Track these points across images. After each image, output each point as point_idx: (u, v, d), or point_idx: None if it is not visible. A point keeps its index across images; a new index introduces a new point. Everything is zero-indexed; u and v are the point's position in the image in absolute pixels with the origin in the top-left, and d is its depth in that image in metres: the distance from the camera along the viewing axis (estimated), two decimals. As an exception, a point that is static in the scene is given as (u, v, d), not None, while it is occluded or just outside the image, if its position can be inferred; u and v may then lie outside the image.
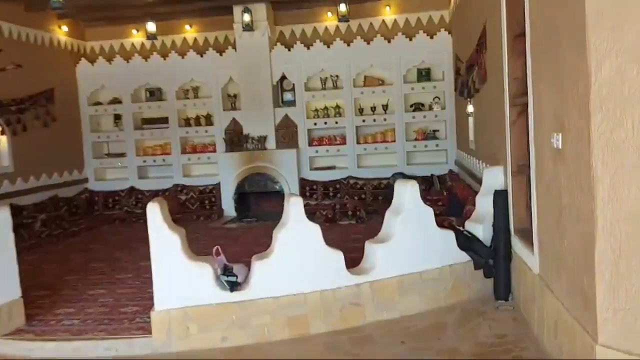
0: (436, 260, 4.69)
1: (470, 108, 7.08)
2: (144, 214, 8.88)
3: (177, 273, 4.17)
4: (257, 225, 8.66)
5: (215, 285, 4.19)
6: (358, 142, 9.70)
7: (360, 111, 9.70)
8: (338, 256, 4.40)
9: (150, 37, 9.62)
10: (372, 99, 9.65)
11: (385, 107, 9.61)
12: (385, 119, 9.59)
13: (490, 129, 5.77)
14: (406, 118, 9.51)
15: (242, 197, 9.81)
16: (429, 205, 4.76)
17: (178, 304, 4.17)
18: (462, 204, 6.50)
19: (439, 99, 9.52)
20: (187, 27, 10.30)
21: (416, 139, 9.62)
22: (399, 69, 9.41)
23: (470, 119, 7.31)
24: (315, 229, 4.34)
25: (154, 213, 4.16)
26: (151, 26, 9.54)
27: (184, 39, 10.34)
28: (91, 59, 10.43)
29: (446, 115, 9.40)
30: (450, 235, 4.78)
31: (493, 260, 4.79)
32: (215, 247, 4.34)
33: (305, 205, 8.64)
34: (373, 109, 9.66)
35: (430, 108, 9.55)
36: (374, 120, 9.61)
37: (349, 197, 9.46)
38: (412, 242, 4.58)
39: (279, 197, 9.56)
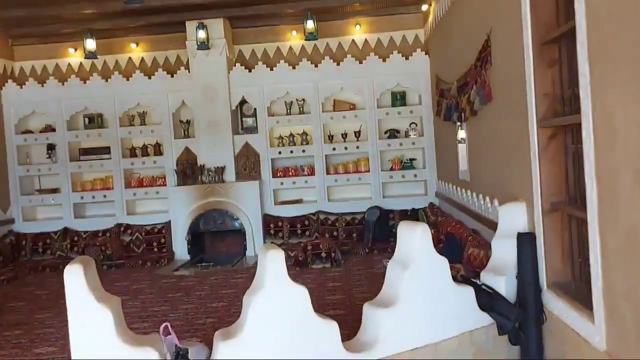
0: (453, 326, 3.66)
1: (462, 134, 6.22)
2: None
3: (109, 364, 2.96)
4: (215, 272, 7.44)
5: (165, 379, 3.00)
6: (328, 173, 8.70)
7: (330, 138, 8.73)
8: (331, 329, 3.30)
9: (90, 55, 8.38)
10: (343, 124, 8.72)
11: (357, 134, 8.68)
12: (357, 147, 8.65)
13: (497, 157, 4.87)
14: (381, 146, 8.61)
15: (196, 237, 8.57)
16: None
17: (110, 408, 2.95)
18: (461, 246, 5.54)
19: (416, 124, 8.68)
20: (132, 45, 9.13)
21: (392, 169, 8.71)
22: (371, 92, 8.54)
23: (462, 146, 6.44)
24: (301, 294, 3.24)
25: (75, 280, 2.94)
26: (90, 43, 8.32)
27: (129, 58, 9.15)
28: (20, 81, 9.07)
29: (424, 143, 8.55)
30: (468, 292, 3.77)
31: (520, 322, 3.81)
32: (164, 325, 3.15)
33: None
34: (344, 135, 8.72)
35: (407, 135, 8.69)
36: (346, 148, 8.65)
37: (319, 235, 8.40)
38: (424, 304, 3.54)
39: (238, 235, 8.45)
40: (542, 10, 3.68)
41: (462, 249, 5.48)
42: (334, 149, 8.65)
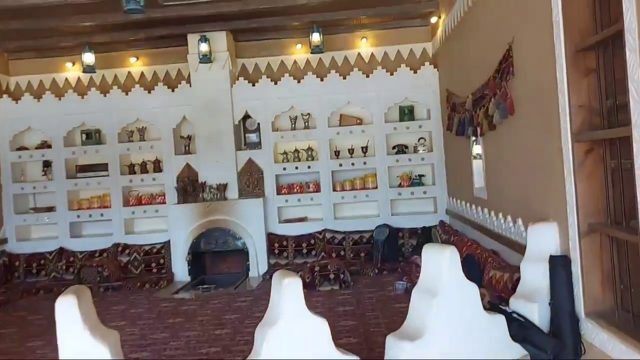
0: (486, 358, 3.33)
1: (477, 149, 5.94)
2: (79, 281, 7.16)
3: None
4: (217, 294, 7.08)
5: None
6: (334, 190, 8.39)
7: (337, 154, 8.44)
8: (354, 365, 2.97)
9: (88, 69, 8.12)
10: (350, 139, 8.43)
11: (364, 149, 8.40)
12: (365, 163, 8.36)
13: (521, 174, 4.59)
14: (389, 161, 8.31)
15: (196, 257, 8.22)
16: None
17: None
18: (480, 268, 5.23)
19: (425, 140, 8.40)
20: (132, 59, 8.87)
21: (400, 185, 8.40)
22: (379, 106, 8.27)
23: (477, 162, 6.16)
24: (321, 327, 2.91)
25: (68, 313, 2.62)
26: (88, 57, 8.06)
27: (129, 73, 8.89)
28: (15, 96, 8.79)
29: (434, 158, 8.26)
30: (500, 321, 3.45)
31: (556, 354, 3.48)
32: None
33: (273, 267, 7.21)
34: (351, 151, 8.42)
35: (415, 150, 8.40)
36: (352, 164, 8.35)
37: (325, 255, 8.07)
38: (454, 335, 3.23)
39: (241, 255, 8.11)
40: (577, 15, 3.42)
41: (482, 271, 5.17)
42: (340, 164, 8.36)
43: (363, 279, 7.19)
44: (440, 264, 3.28)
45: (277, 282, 3.00)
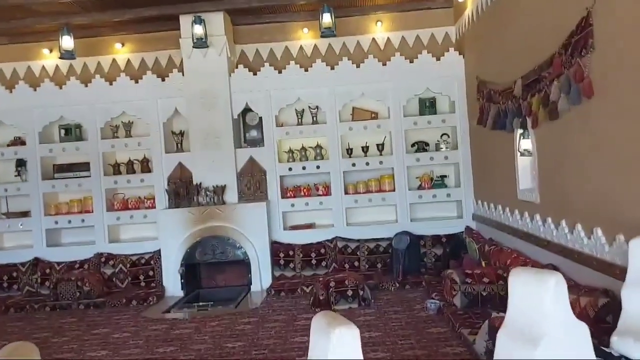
0: None
1: (526, 144, 5.00)
2: (56, 297, 6.18)
3: None
4: (215, 314, 6.09)
5: None
6: (346, 192, 7.45)
7: (349, 152, 7.49)
8: None
9: (66, 55, 7.06)
10: (364, 136, 7.49)
11: (380, 147, 7.46)
12: (381, 162, 7.41)
13: (600, 173, 3.67)
14: (408, 161, 7.37)
15: (190, 268, 7.24)
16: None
17: None
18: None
19: (448, 136, 7.47)
20: (117, 45, 7.87)
21: (420, 187, 7.47)
22: (397, 98, 7.34)
23: (524, 160, 5.24)
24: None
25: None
26: (67, 41, 7.00)
27: (114, 60, 7.89)
28: (-15, 86, 7.78)
29: (459, 157, 7.33)
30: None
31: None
32: None
33: (278, 280, 6.23)
34: (365, 149, 7.48)
35: (437, 148, 7.47)
36: (367, 163, 7.40)
37: (337, 266, 7.13)
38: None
39: (241, 266, 7.16)
40: None
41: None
42: (353, 164, 7.40)
43: (384, 295, 6.25)
44: (541, 297, 2.34)
45: (322, 331, 2.05)
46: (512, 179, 5.49)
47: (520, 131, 5.12)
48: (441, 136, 7.47)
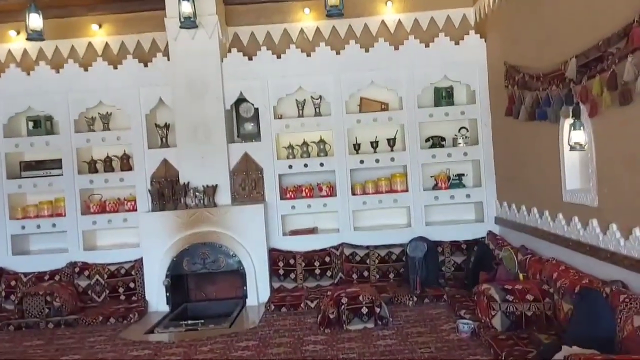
0: None
1: (577, 136, 4.21)
2: (21, 314, 5.47)
3: None
4: (207, 334, 5.22)
5: None
6: (354, 193, 6.63)
7: (356, 148, 6.68)
8: None
9: (34, 36, 6.08)
10: (373, 130, 6.68)
11: (391, 142, 6.66)
12: (392, 159, 6.61)
13: None
14: (422, 157, 6.58)
15: (177, 279, 6.38)
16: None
17: None
18: (608, 310, 3.50)
19: (467, 129, 6.69)
20: (94, 27, 6.97)
21: (436, 187, 6.68)
22: (410, 87, 6.54)
23: (573, 155, 4.48)
24: None
25: None
26: (34, 20, 6.02)
27: (89, 44, 6.98)
28: (-59, 72, 6.82)
29: (480, 153, 6.56)
30: None
31: None
32: None
33: (278, 292, 5.52)
34: (374, 144, 6.67)
35: (455, 143, 6.69)
36: (377, 160, 6.59)
37: (344, 277, 6.33)
38: None
39: (235, 276, 6.33)
40: None
41: (611, 316, 3.45)
42: (361, 161, 6.59)
43: (400, 311, 5.44)
44: None
45: None
46: (555, 177, 4.71)
47: (570, 121, 4.34)
48: (459, 130, 6.68)
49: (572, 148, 4.31)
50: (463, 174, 6.76)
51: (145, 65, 6.64)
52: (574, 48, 4.11)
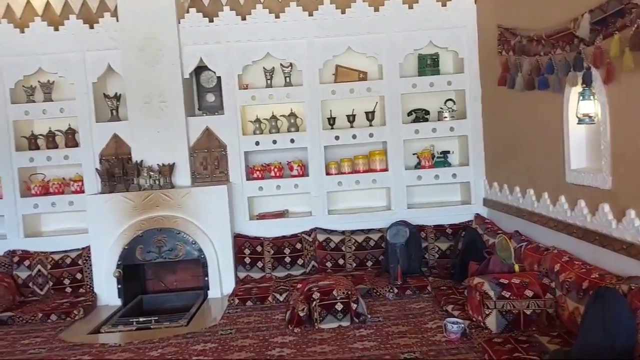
0: None
1: (585, 107, 3.60)
2: None
3: None
4: (160, 334, 4.56)
5: None
6: (328, 173, 5.99)
7: (331, 122, 6.00)
8: None
9: (-43, -10, 5.30)
10: (350, 102, 6.00)
11: (370, 116, 6.00)
12: (371, 135, 5.95)
13: None
14: (405, 133, 5.94)
15: (131, 269, 5.68)
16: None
17: None
18: (629, 312, 2.94)
19: (454, 102, 6.07)
20: (32, -17, 6.10)
21: (419, 165, 6.07)
22: (392, 53, 5.86)
23: (580, 129, 3.88)
24: None
25: None
26: (-43, -29, 5.23)
27: (28, 2, 6.10)
28: None
29: (467, 128, 5.94)
30: None
31: None
32: None
33: (243, 283, 4.93)
34: (351, 118, 6.00)
35: (440, 117, 6.06)
36: (354, 136, 5.93)
37: (317, 265, 5.70)
38: None
39: (196, 266, 5.67)
40: None
41: (631, 321, 2.89)
42: (336, 137, 5.92)
43: (379, 305, 4.85)
44: None
45: None
46: (557, 155, 4.13)
47: (577, 90, 3.72)
48: (445, 102, 6.05)
49: (580, 121, 3.71)
50: (449, 151, 6.15)
51: (91, 27, 5.82)
52: (583, 4, 3.47)
